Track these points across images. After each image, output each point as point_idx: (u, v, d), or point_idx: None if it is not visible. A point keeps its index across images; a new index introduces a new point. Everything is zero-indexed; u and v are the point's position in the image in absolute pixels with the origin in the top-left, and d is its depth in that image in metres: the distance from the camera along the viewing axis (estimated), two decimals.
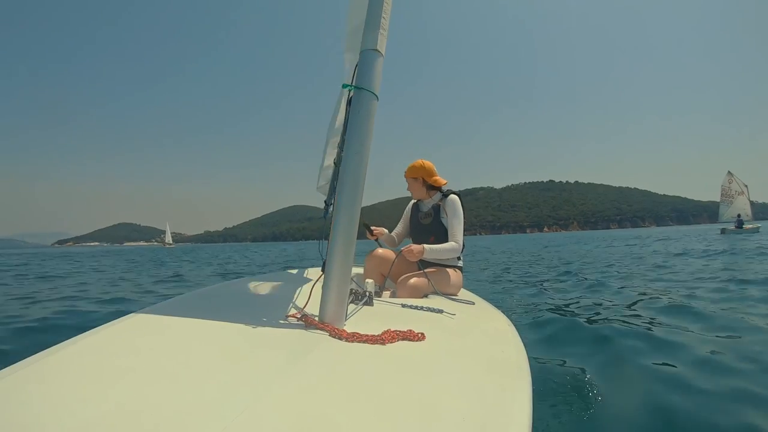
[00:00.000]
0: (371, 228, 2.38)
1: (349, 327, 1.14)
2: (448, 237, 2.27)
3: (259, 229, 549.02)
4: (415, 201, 2.51)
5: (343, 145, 1.68)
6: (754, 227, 25.25)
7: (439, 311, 1.54)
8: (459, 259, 2.34)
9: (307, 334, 1.06)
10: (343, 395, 0.72)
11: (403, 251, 2.19)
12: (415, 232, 2.45)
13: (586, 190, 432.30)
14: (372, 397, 0.73)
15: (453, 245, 2.21)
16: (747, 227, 24.95)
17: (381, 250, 2.39)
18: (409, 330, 1.12)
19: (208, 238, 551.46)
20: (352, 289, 1.46)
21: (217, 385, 0.72)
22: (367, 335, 1.05)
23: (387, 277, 2.39)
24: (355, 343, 1.01)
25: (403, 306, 1.60)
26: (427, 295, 2.10)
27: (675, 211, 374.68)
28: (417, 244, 2.19)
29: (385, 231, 2.47)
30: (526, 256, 13.21)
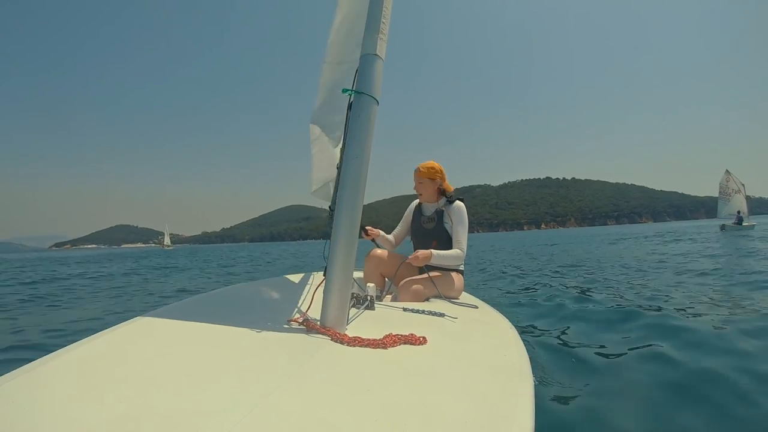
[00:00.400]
0: (366, 228, 2.35)
1: (350, 331, 1.14)
2: (453, 244, 2.24)
3: (257, 230, 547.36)
4: (419, 203, 2.47)
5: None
6: (749, 225, 25.66)
7: (441, 315, 1.54)
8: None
9: (309, 338, 1.06)
10: (345, 399, 0.73)
11: (409, 258, 2.18)
12: (417, 236, 2.42)
13: (583, 187, 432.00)
14: (374, 401, 0.73)
15: (458, 253, 2.20)
16: (745, 224, 25.38)
17: (380, 251, 2.38)
18: (411, 334, 1.12)
19: (206, 239, 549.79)
20: (353, 294, 1.46)
21: (219, 390, 0.72)
22: (368, 339, 1.05)
23: (391, 281, 2.38)
24: (356, 348, 1.01)
25: (405, 310, 1.60)
26: (428, 299, 2.10)
27: (672, 206, 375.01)
28: (423, 250, 2.17)
29: (381, 233, 2.44)
30: (524, 256, 13.11)
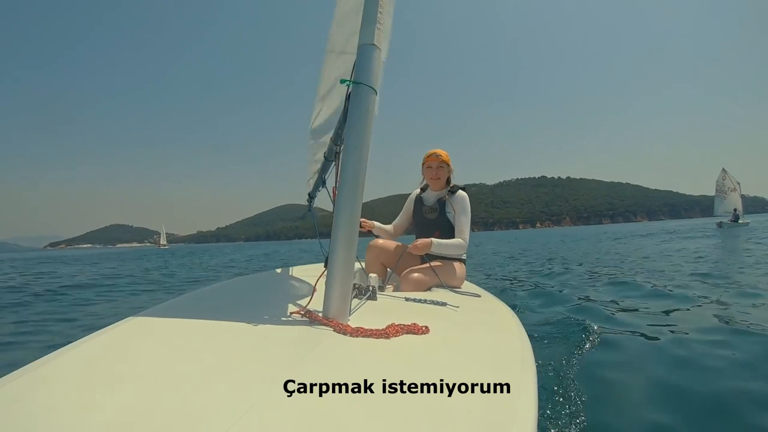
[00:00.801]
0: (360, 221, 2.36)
1: (353, 322, 1.14)
2: (455, 233, 2.24)
3: (252, 229, 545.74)
4: (419, 194, 2.47)
5: (338, 140, 1.64)
6: (744, 222, 26.16)
7: (443, 304, 1.54)
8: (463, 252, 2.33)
9: (312, 329, 1.06)
10: (348, 390, 0.72)
11: (409, 247, 2.18)
12: (420, 226, 2.42)
13: (578, 186, 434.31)
14: (378, 391, 0.73)
15: (460, 242, 2.20)
16: (740, 222, 25.88)
17: (381, 241, 2.39)
18: (414, 323, 1.12)
19: (201, 239, 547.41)
20: (355, 284, 1.45)
21: (222, 384, 0.72)
22: (371, 330, 1.05)
23: (392, 270, 2.38)
24: (359, 338, 1.01)
25: (407, 300, 1.60)
26: (430, 288, 2.09)
27: (667, 205, 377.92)
28: (423, 238, 2.17)
29: (375, 223, 2.45)
30: (547, 252, 12.92)
